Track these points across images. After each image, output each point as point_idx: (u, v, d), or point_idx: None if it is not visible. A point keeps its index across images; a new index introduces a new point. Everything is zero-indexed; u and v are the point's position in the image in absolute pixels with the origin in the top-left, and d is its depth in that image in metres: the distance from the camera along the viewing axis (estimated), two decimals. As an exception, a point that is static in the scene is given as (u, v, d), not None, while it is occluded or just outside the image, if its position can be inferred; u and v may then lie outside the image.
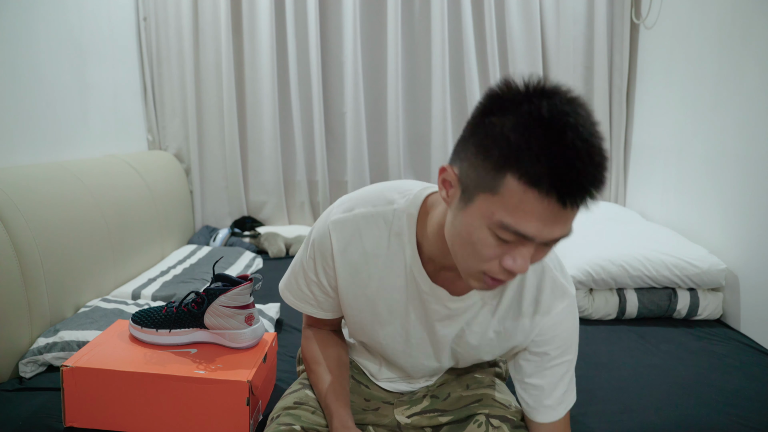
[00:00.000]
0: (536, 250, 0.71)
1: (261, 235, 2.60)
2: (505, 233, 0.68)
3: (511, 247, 0.69)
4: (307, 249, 0.95)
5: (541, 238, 0.67)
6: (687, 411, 1.20)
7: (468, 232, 0.71)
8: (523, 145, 0.63)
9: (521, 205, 0.65)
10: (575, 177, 0.63)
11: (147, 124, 2.67)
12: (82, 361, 1.09)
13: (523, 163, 0.64)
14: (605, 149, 0.66)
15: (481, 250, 0.71)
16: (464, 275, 0.76)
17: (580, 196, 0.64)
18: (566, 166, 0.62)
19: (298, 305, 1.00)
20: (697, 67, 2.01)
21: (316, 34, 2.61)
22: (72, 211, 1.63)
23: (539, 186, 0.63)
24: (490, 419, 0.94)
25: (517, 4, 2.59)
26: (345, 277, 0.91)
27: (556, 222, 0.66)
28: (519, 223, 0.66)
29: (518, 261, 0.69)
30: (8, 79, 1.63)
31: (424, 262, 0.87)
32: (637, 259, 1.72)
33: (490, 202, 0.68)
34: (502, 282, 0.74)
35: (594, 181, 0.64)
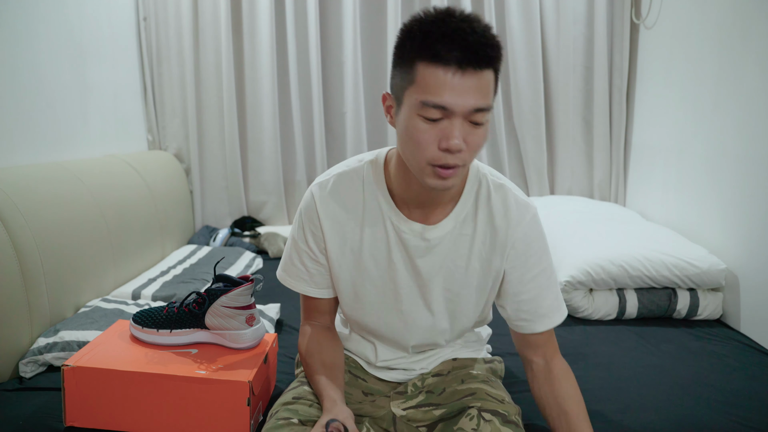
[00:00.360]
0: (467, 132, 0.83)
1: (261, 235, 2.60)
2: (428, 111, 0.81)
3: (442, 129, 0.82)
4: (296, 221, 1.04)
5: (458, 107, 0.80)
6: (687, 411, 1.20)
7: (406, 128, 0.85)
8: (424, 35, 0.80)
9: (432, 81, 0.80)
10: (465, 45, 0.78)
11: (147, 124, 2.67)
12: (83, 361, 1.09)
13: (426, 48, 0.79)
14: (490, 27, 0.82)
15: (419, 138, 0.83)
16: (419, 176, 0.87)
17: (474, 59, 0.78)
18: (456, 39, 0.78)
19: (292, 284, 1.07)
20: (697, 67, 2.01)
21: (316, 34, 2.61)
22: (72, 211, 1.63)
23: (439, 60, 0.79)
24: (482, 413, 0.95)
25: (517, 4, 2.59)
26: (331, 236, 1.00)
27: (465, 89, 0.80)
28: (435, 96, 0.80)
29: (451, 139, 0.81)
30: (8, 79, 1.63)
31: (397, 204, 0.98)
32: (637, 259, 1.72)
33: (412, 92, 0.82)
34: (450, 170, 0.84)
35: (483, 46, 0.79)
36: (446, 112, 0.81)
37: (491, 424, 0.93)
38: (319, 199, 1.00)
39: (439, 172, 0.85)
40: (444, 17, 0.80)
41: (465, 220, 0.98)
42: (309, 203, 1.01)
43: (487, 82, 0.81)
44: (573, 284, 1.72)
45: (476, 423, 0.93)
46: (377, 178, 0.99)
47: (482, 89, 0.81)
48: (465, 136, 0.83)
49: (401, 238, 0.98)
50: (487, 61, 0.80)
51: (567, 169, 2.73)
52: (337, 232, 1.00)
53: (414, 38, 0.82)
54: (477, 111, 0.82)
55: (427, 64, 0.80)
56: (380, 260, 1.00)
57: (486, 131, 0.86)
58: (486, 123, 0.85)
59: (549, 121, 2.71)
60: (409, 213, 0.97)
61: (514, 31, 2.60)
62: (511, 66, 2.63)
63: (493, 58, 0.81)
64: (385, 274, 1.01)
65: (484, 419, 0.94)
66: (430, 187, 0.87)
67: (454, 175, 0.85)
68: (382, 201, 0.98)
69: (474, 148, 0.84)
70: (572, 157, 2.72)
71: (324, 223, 1.00)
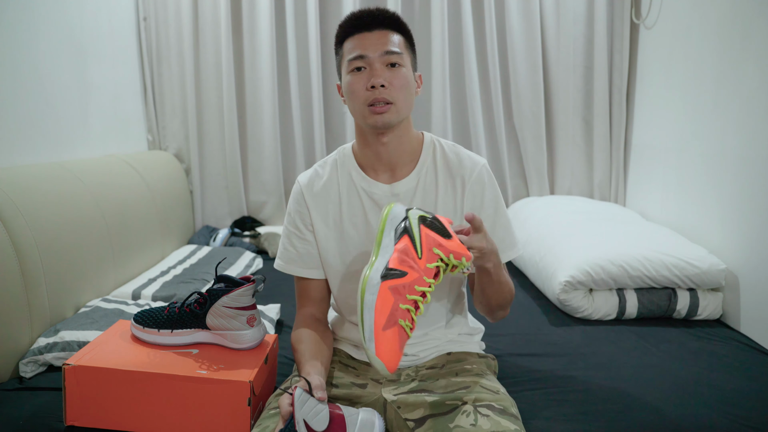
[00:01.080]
0: (389, 74, 1.05)
1: (261, 235, 2.60)
2: (353, 63, 1.06)
3: (366, 74, 1.05)
4: (287, 212, 1.20)
5: (371, 52, 1.05)
6: (687, 411, 1.20)
7: (345, 87, 1.09)
8: (345, 23, 1.10)
9: (352, 44, 1.08)
10: (368, 14, 1.08)
11: (147, 124, 2.67)
12: (83, 360, 1.09)
13: (343, 29, 1.10)
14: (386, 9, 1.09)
15: (353, 87, 1.06)
16: (363, 123, 1.08)
17: (375, 21, 1.07)
18: (362, 14, 1.09)
19: (284, 267, 1.19)
20: (697, 67, 2.01)
21: (316, 34, 2.61)
22: (72, 211, 1.63)
23: (353, 30, 1.08)
24: (478, 408, 0.96)
25: (517, 4, 2.59)
26: (316, 213, 1.15)
27: (374, 41, 1.06)
28: (354, 51, 1.06)
29: (372, 77, 1.04)
30: (8, 79, 1.63)
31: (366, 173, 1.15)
32: (637, 259, 1.72)
33: (343, 62, 1.09)
34: (383, 106, 1.04)
35: (381, 12, 1.08)
36: (366, 60, 1.05)
37: (489, 419, 0.94)
38: (303, 184, 1.18)
39: (374, 110, 1.04)
40: (356, 10, 1.10)
41: (427, 173, 1.14)
42: (296, 189, 1.19)
43: (392, 37, 1.07)
44: (573, 284, 1.72)
45: (474, 419, 0.94)
46: (347, 158, 1.18)
47: (389, 40, 1.06)
48: (386, 78, 1.04)
49: (374, 199, 1.13)
50: (387, 22, 1.07)
51: (567, 169, 2.73)
52: (320, 207, 1.16)
53: (339, 27, 1.11)
54: (388, 53, 1.05)
55: (349, 38, 1.08)
56: (359, 225, 1.14)
57: (405, 75, 1.07)
58: (403, 67, 1.07)
59: (549, 121, 2.71)
60: (376, 177, 1.14)
61: (514, 31, 2.60)
62: (511, 66, 2.63)
63: (391, 21, 1.08)
64: (365, 237, 1.13)
65: (480, 414, 0.95)
66: (373, 125, 1.06)
67: (388, 110, 1.05)
68: (353, 173, 1.15)
69: (397, 86, 1.05)
70: (572, 157, 2.72)
71: (309, 201, 1.16)
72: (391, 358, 0.84)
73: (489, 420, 0.93)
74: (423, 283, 0.89)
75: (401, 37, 1.09)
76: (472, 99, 2.65)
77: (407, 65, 1.08)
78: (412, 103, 1.10)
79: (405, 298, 0.87)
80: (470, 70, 2.63)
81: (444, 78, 2.62)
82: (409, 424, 1.00)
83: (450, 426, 0.94)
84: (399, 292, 0.87)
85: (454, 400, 1.00)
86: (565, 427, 1.14)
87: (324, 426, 0.86)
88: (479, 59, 2.66)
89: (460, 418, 0.95)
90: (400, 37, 1.08)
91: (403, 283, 0.88)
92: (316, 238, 1.16)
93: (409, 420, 1.01)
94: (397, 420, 1.02)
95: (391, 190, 1.13)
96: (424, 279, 0.89)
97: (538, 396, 1.26)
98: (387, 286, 0.87)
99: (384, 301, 0.86)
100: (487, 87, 2.68)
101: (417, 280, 0.89)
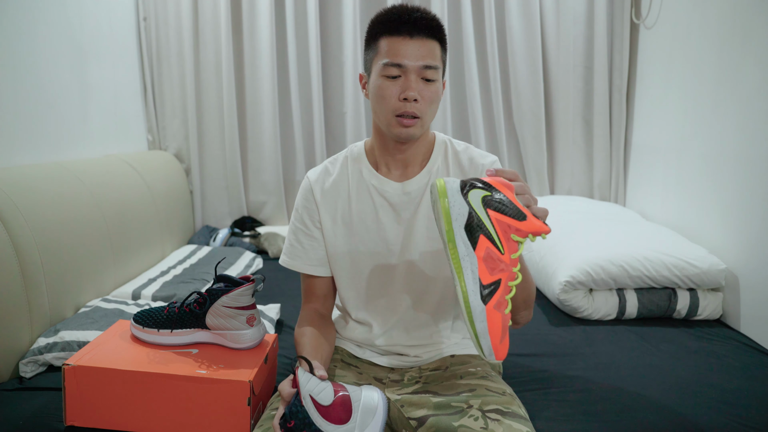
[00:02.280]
0: (421, 87, 1.03)
1: (261, 235, 2.60)
2: (389, 70, 1.03)
3: (401, 84, 1.02)
4: (294, 208, 1.19)
5: (411, 64, 1.02)
6: (687, 411, 1.20)
7: (374, 89, 1.05)
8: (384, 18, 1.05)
9: (391, 47, 1.03)
10: (412, 20, 1.03)
11: (147, 124, 2.67)
12: (83, 360, 1.09)
13: (385, 25, 1.04)
14: (433, 13, 1.06)
15: (384, 93, 1.03)
16: (387, 129, 1.06)
17: (419, 29, 1.02)
18: (406, 17, 1.03)
19: (289, 263, 1.18)
20: (697, 67, 2.01)
21: (316, 34, 2.61)
22: (72, 211, 1.63)
23: (394, 31, 1.03)
24: (487, 413, 0.95)
25: (517, 4, 2.59)
26: (325, 209, 1.15)
27: (415, 51, 1.02)
28: (393, 57, 1.02)
29: (407, 90, 1.02)
30: (8, 79, 1.63)
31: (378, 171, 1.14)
32: (637, 259, 1.72)
33: (377, 60, 1.05)
34: (410, 119, 1.03)
35: (425, 20, 1.03)
36: (402, 69, 1.02)
37: (501, 423, 0.93)
38: (313, 180, 1.17)
39: (401, 121, 1.03)
40: (398, 7, 1.05)
41: (438, 173, 1.13)
42: (305, 185, 1.18)
43: (432, 48, 1.04)
44: (573, 284, 1.72)
45: (484, 423, 0.93)
46: (359, 155, 1.17)
47: (429, 52, 1.03)
48: (419, 91, 1.03)
49: (385, 197, 1.12)
50: (430, 30, 1.03)
51: (567, 169, 2.73)
52: (329, 204, 1.15)
53: (378, 21, 1.07)
54: (426, 68, 1.02)
55: (387, 37, 1.04)
56: (369, 223, 1.13)
57: (437, 89, 1.05)
58: (437, 81, 1.04)
59: (549, 121, 2.71)
60: (388, 174, 1.14)
61: (514, 31, 2.60)
62: (511, 66, 2.63)
63: (433, 29, 1.04)
64: (375, 234, 1.13)
65: (490, 419, 0.94)
66: (397, 136, 1.05)
67: (414, 125, 1.04)
68: (365, 171, 1.15)
69: (428, 101, 1.04)
70: (572, 157, 2.72)
71: (318, 198, 1.15)
72: (506, 351, 0.85)
73: (500, 425, 0.93)
74: (513, 275, 0.86)
75: (439, 47, 1.06)
76: (472, 99, 2.65)
77: (440, 78, 1.06)
78: (436, 114, 1.10)
79: (506, 301, 0.85)
80: (470, 70, 2.63)
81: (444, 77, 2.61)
82: (412, 423, 0.99)
83: (455, 425, 0.94)
84: (501, 303, 0.85)
85: (459, 402, 0.99)
86: (565, 427, 1.14)
87: (330, 401, 0.87)
88: (479, 59, 2.66)
89: (466, 420, 0.94)
90: (439, 47, 1.05)
91: (501, 293, 0.85)
92: (324, 235, 1.16)
93: (412, 419, 1.00)
94: (400, 418, 1.02)
95: (402, 188, 1.12)
96: (513, 271, 0.86)
97: (538, 396, 1.26)
98: (491, 306, 0.83)
99: (494, 322, 0.83)
100: (487, 87, 2.68)
101: (508, 278, 0.86)
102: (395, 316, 1.15)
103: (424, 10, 1.05)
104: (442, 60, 1.07)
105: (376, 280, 1.14)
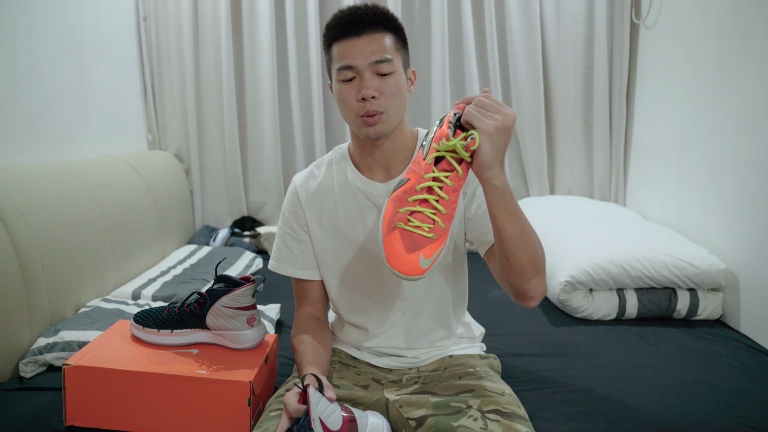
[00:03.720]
0: (379, 83, 1.01)
1: (261, 235, 2.60)
2: (343, 74, 1.02)
3: (357, 85, 1.02)
4: (281, 213, 1.20)
5: (360, 62, 1.00)
6: (687, 411, 1.20)
7: (336, 95, 1.05)
8: (333, 23, 1.05)
9: (341, 51, 1.03)
10: (355, 17, 1.02)
11: (147, 124, 2.67)
12: (84, 360, 1.09)
13: (333, 31, 1.05)
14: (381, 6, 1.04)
15: (344, 97, 1.03)
16: (357, 131, 1.06)
17: (363, 24, 1.01)
18: (349, 16, 1.02)
19: (279, 268, 1.18)
20: (697, 67, 2.01)
21: (316, 34, 2.61)
22: (72, 211, 1.63)
23: (341, 34, 1.03)
24: (486, 414, 0.95)
25: (517, 4, 2.59)
26: (311, 212, 1.15)
27: (362, 49, 1.00)
28: (343, 60, 1.02)
29: (362, 89, 1.00)
30: (8, 79, 1.63)
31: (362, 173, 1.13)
32: (637, 259, 1.72)
33: (332, 67, 1.05)
34: (372, 117, 1.01)
35: (369, 14, 1.01)
36: (355, 70, 1.01)
37: (500, 423, 0.93)
38: (298, 184, 1.18)
39: (365, 120, 1.02)
40: (345, 9, 1.05)
41: None
42: (290, 189, 1.19)
43: (381, 41, 1.01)
44: (573, 284, 1.72)
45: (483, 424, 0.93)
46: (343, 158, 1.16)
47: (378, 46, 1.01)
48: (377, 87, 1.01)
49: (370, 199, 1.11)
50: (376, 24, 1.01)
51: (567, 169, 2.73)
52: (315, 208, 1.15)
53: (327, 28, 1.06)
54: (378, 63, 1.00)
55: (337, 42, 1.03)
56: (356, 225, 1.13)
57: (396, 81, 1.02)
58: (394, 74, 1.02)
59: (549, 121, 2.71)
60: (371, 176, 1.13)
61: (514, 31, 2.60)
62: (511, 66, 2.63)
63: (380, 21, 1.02)
64: (362, 236, 1.12)
65: (489, 419, 0.94)
66: (366, 136, 1.04)
67: (379, 121, 1.02)
68: (349, 172, 1.14)
69: (389, 94, 1.01)
70: (572, 157, 2.72)
71: (303, 202, 1.16)
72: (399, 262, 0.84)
73: (500, 425, 0.93)
74: (423, 180, 0.88)
75: (392, 38, 1.03)
76: (472, 99, 2.64)
77: (398, 69, 1.03)
78: (405, 106, 1.07)
79: (406, 201, 0.88)
80: (470, 70, 2.63)
81: (444, 78, 2.62)
82: (411, 423, 0.99)
83: (454, 425, 0.94)
84: (399, 199, 0.89)
85: (458, 403, 0.99)
86: (565, 427, 1.14)
87: (338, 426, 0.86)
88: (479, 59, 2.66)
89: (465, 420, 0.94)
90: (391, 38, 1.03)
91: (404, 189, 0.89)
92: (312, 239, 1.16)
93: (411, 419, 1.00)
94: (400, 419, 1.02)
95: (386, 188, 1.11)
96: (423, 177, 0.88)
97: (539, 396, 1.26)
98: (391, 198, 0.91)
99: (386, 212, 0.89)
100: (487, 87, 2.68)
101: (417, 180, 0.88)
102: (389, 318, 1.14)
103: (372, 6, 1.04)
104: (399, 50, 1.04)
105: (366, 283, 1.14)
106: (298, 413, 0.88)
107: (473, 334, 1.23)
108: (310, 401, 0.86)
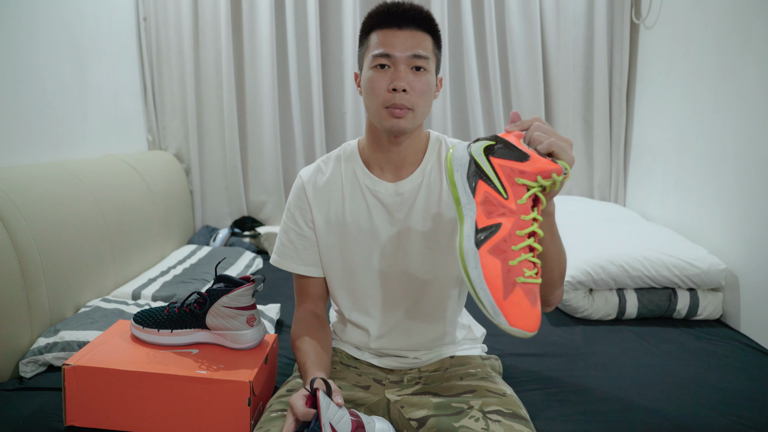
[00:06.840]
0: (411, 77, 1.01)
1: (261, 235, 2.60)
2: (377, 60, 1.02)
3: (390, 74, 1.01)
4: (286, 207, 1.18)
5: (399, 53, 1.01)
6: (687, 411, 1.20)
7: (365, 82, 1.04)
8: (375, 14, 1.05)
9: (380, 39, 1.02)
10: (400, 11, 1.02)
11: (147, 124, 2.67)
12: (83, 360, 1.09)
13: (375, 19, 1.04)
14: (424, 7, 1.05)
15: (374, 84, 1.02)
16: (378, 122, 1.04)
17: (407, 20, 1.01)
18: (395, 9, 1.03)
19: (281, 263, 1.17)
20: (697, 67, 2.01)
21: (316, 34, 2.61)
22: (72, 211, 1.63)
23: (383, 24, 1.03)
24: (488, 414, 0.95)
25: (517, 4, 2.59)
26: (317, 208, 1.13)
27: (403, 41, 1.01)
28: (381, 47, 1.01)
29: (396, 80, 1.00)
30: (8, 79, 1.63)
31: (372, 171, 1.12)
32: (637, 259, 1.72)
33: (368, 53, 1.04)
34: (400, 109, 1.00)
35: (414, 11, 1.02)
36: (391, 59, 1.01)
37: (501, 424, 0.93)
38: (306, 179, 1.15)
39: (392, 112, 1.01)
40: (390, 2, 1.06)
41: (431, 171, 1.11)
42: (297, 184, 1.16)
43: (422, 39, 1.02)
44: (573, 284, 1.72)
45: (485, 424, 0.93)
46: (352, 154, 1.14)
47: (418, 42, 1.02)
48: (409, 81, 1.01)
49: (378, 198, 1.10)
50: (419, 22, 1.02)
51: (567, 169, 2.72)
52: (322, 204, 1.13)
53: (369, 17, 1.06)
54: (416, 57, 1.01)
55: (377, 30, 1.03)
56: (362, 223, 1.11)
57: (428, 81, 1.03)
58: (428, 72, 1.03)
59: (549, 121, 2.71)
60: (381, 175, 1.11)
61: (514, 31, 2.60)
62: (511, 66, 2.63)
63: (423, 20, 1.03)
64: (368, 234, 1.11)
65: (491, 420, 0.94)
66: (389, 129, 1.03)
67: (405, 116, 1.02)
68: (358, 170, 1.12)
69: (419, 92, 1.01)
70: (572, 157, 2.71)
71: (310, 197, 1.14)
72: (527, 320, 0.74)
73: (501, 425, 0.93)
74: (523, 223, 0.78)
75: (431, 40, 1.04)
76: (472, 99, 2.65)
77: (431, 70, 1.04)
78: (429, 108, 1.07)
79: (512, 251, 0.76)
80: (470, 70, 2.63)
81: (444, 77, 2.62)
82: (413, 424, 0.99)
83: (455, 425, 0.94)
84: (502, 250, 0.76)
85: (460, 403, 0.99)
86: (565, 427, 1.14)
87: (348, 431, 0.85)
88: (479, 59, 2.66)
89: (467, 421, 0.94)
90: (430, 40, 1.04)
91: (501, 238, 0.76)
92: (316, 235, 1.14)
93: (413, 420, 1.00)
94: (401, 420, 1.02)
95: (395, 188, 1.10)
96: (522, 219, 0.78)
97: (539, 396, 1.26)
98: (486, 250, 0.75)
99: (490, 269, 0.74)
100: (487, 87, 2.68)
101: (515, 224, 0.77)
102: (392, 319, 1.14)
103: (417, 5, 1.05)
104: (435, 53, 1.05)
105: (370, 282, 1.13)
106: (306, 417, 0.87)
107: (474, 335, 1.22)
108: (321, 406, 0.85)
